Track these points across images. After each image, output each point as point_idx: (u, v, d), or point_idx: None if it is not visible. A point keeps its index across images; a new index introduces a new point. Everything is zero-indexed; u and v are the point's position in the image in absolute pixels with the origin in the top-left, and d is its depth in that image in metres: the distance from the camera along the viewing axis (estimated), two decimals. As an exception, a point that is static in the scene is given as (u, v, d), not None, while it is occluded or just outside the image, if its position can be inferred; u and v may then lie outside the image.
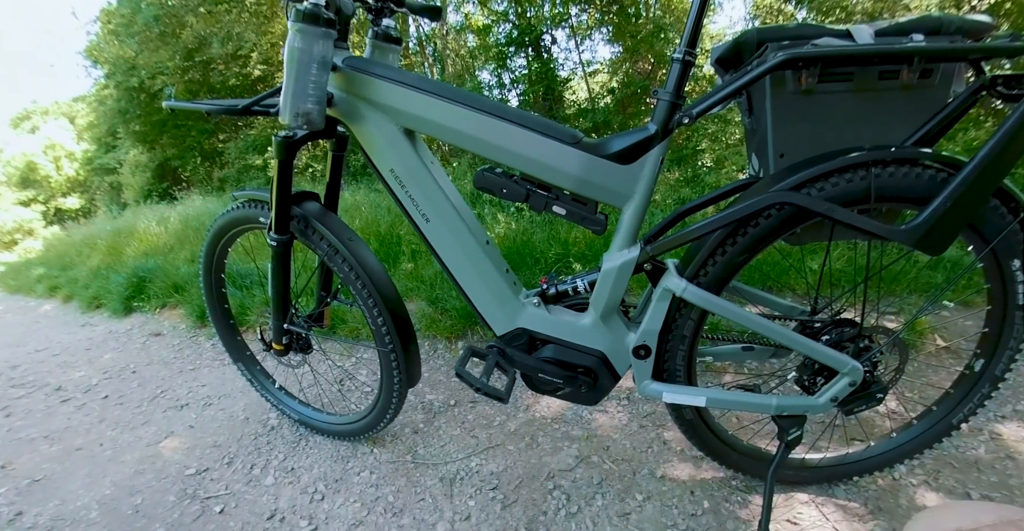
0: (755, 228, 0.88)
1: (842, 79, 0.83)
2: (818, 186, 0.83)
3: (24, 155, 23.40)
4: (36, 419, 1.93)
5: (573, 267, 2.07)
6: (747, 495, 1.19)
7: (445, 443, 1.45)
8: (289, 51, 0.89)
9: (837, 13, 6.32)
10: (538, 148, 0.89)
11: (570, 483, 1.26)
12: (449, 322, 2.00)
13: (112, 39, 8.58)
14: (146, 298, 3.18)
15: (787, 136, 0.88)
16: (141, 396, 2.00)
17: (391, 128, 0.97)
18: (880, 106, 0.85)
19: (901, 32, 0.81)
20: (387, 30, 1.09)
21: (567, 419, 1.50)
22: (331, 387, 1.80)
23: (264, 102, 1.04)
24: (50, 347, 2.84)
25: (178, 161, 9.71)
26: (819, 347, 0.94)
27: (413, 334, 1.21)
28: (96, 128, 13.92)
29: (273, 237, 1.15)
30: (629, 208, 0.91)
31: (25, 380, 2.35)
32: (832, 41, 0.81)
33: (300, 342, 1.36)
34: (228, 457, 1.51)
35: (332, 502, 1.29)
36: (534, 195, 0.93)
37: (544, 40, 5.74)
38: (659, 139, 0.87)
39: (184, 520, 1.28)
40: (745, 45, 0.88)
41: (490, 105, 0.91)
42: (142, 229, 5.00)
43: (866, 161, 0.81)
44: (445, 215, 1.00)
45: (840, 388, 0.97)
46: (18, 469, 1.60)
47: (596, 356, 1.00)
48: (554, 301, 1.04)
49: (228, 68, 7.89)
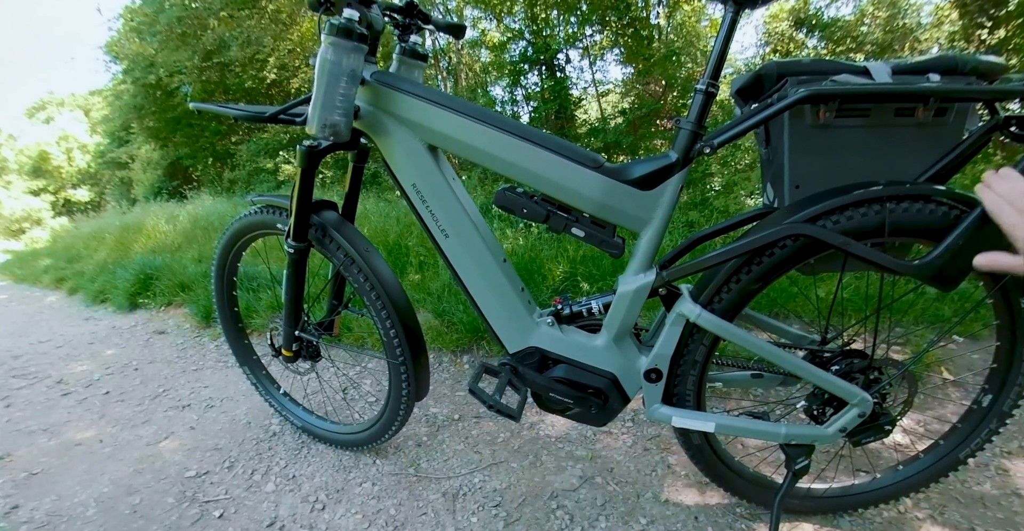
0: (770, 257, 0.89)
1: (859, 114, 0.84)
2: (833, 219, 0.84)
3: (37, 145, 23.67)
4: (36, 411, 1.93)
5: (581, 286, 2.07)
6: (751, 523, 1.18)
7: (448, 457, 1.44)
8: (321, 63, 0.90)
9: (848, 43, 6.39)
10: (561, 170, 0.90)
11: (573, 503, 1.25)
12: (455, 335, 2.00)
13: (133, 36, 8.68)
14: (152, 295, 3.19)
15: (803, 168, 0.89)
16: (143, 394, 2.00)
17: (415, 143, 0.99)
18: (895, 142, 0.86)
19: (917, 71, 0.83)
20: (414, 47, 1.12)
21: (571, 438, 1.49)
22: (335, 395, 1.80)
23: (291, 111, 1.05)
24: (53, 339, 2.85)
25: (189, 160, 9.79)
26: (830, 377, 0.94)
27: (424, 347, 1.21)
28: (111, 122, 14.05)
29: (291, 244, 1.16)
30: (647, 233, 0.92)
31: (27, 371, 2.35)
32: (851, 78, 0.83)
33: (309, 349, 1.36)
34: (229, 461, 1.50)
35: (333, 512, 1.28)
36: (554, 216, 0.94)
37: (558, 59, 5.81)
38: (680, 167, 0.88)
39: (182, 523, 1.27)
40: (765, 78, 0.90)
41: (515, 126, 0.93)
42: (151, 226, 5.03)
43: (881, 196, 0.82)
44: (464, 232, 1.01)
45: (849, 419, 0.97)
46: (16, 461, 1.60)
47: (607, 378, 1.00)
48: (568, 321, 1.04)
49: (245, 71, 7.98)
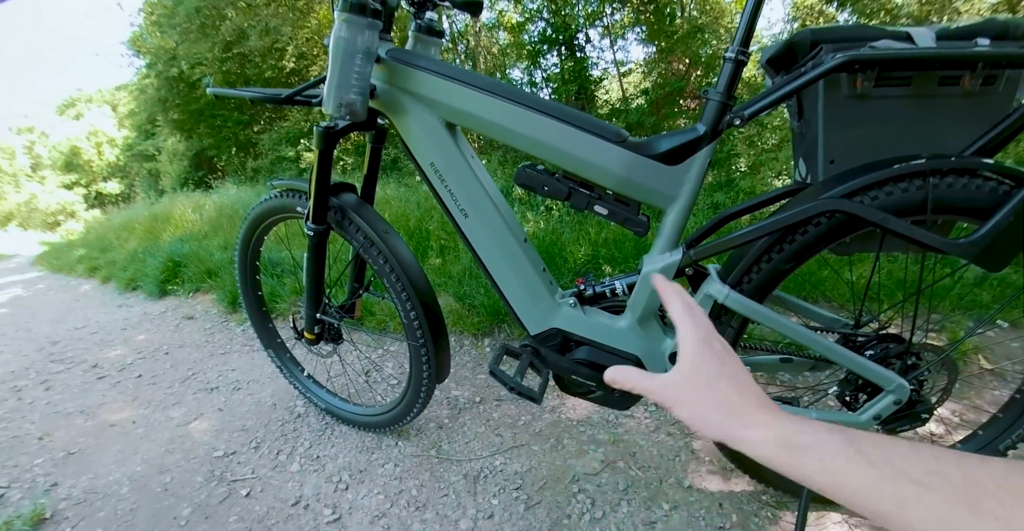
0: (803, 236, 0.85)
1: (899, 84, 0.79)
2: (872, 194, 0.79)
3: (68, 140, 24.41)
4: (73, 394, 2.00)
5: (603, 269, 2.04)
6: (777, 511, 1.15)
7: (469, 440, 1.45)
8: (335, 41, 0.88)
9: (882, 15, 6.11)
10: (582, 146, 0.87)
11: (595, 487, 1.24)
12: (476, 318, 2.00)
13: (154, 30, 8.81)
14: (180, 282, 3.27)
15: (838, 141, 0.85)
16: (173, 377, 2.05)
17: (433, 121, 0.96)
18: (938, 113, 0.81)
19: (964, 36, 0.77)
20: (429, 23, 1.09)
21: (593, 422, 1.48)
22: (358, 378, 1.82)
23: (306, 92, 1.04)
24: (88, 325, 2.94)
25: (214, 151, 9.95)
26: (866, 362, 0.90)
27: (444, 329, 1.20)
28: (136, 115, 14.37)
29: (310, 227, 1.15)
30: (673, 210, 0.88)
31: (64, 356, 2.44)
32: (892, 44, 0.77)
33: (331, 332, 1.37)
34: (255, 441, 1.53)
35: (356, 492, 1.29)
36: (576, 193, 0.91)
37: (578, 38, 5.69)
38: (708, 140, 0.84)
39: (211, 501, 1.30)
40: (798, 46, 0.85)
41: (534, 100, 0.89)
42: (178, 215, 5.14)
43: (924, 170, 0.77)
44: (484, 211, 0.98)
45: (884, 406, 0.93)
46: (55, 441, 1.66)
47: (631, 360, 0.98)
48: (590, 302, 1.02)
49: (264, 61, 8.02)
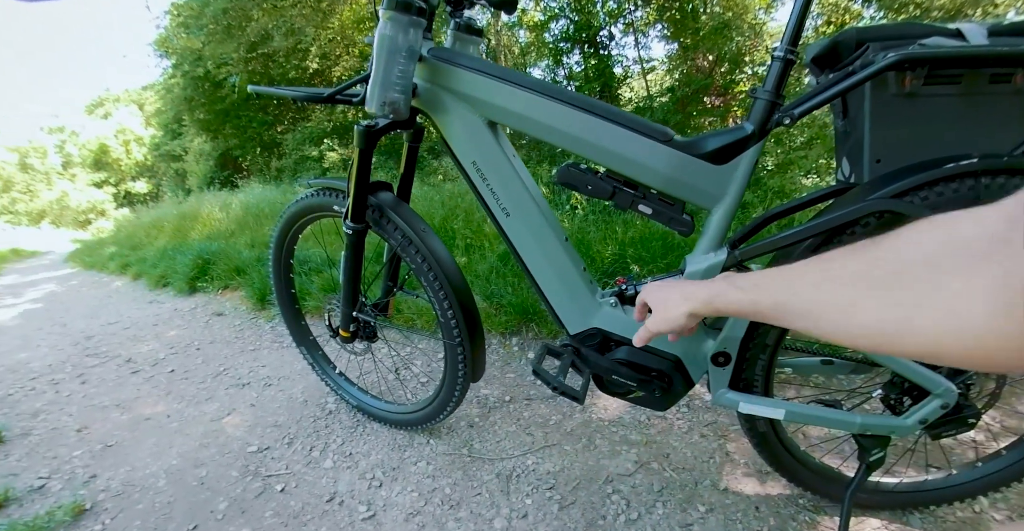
0: (851, 236, 0.83)
1: (949, 81, 0.77)
2: (922, 195, 0.77)
3: (97, 139, 25.09)
4: (108, 387, 2.05)
5: (632, 269, 2.03)
6: (815, 515, 1.13)
7: (501, 439, 1.45)
8: (380, 38, 0.89)
9: (911, 10, 5.94)
10: (627, 144, 0.86)
11: (629, 488, 1.23)
12: (504, 317, 2.00)
13: (180, 31, 8.98)
14: (209, 279, 3.33)
15: (885, 141, 0.83)
16: (205, 372, 2.09)
17: (475, 120, 0.97)
18: (988, 111, 0.79)
19: (1017, 32, 0.75)
20: (469, 21, 1.09)
21: (625, 423, 1.47)
22: (388, 375, 1.83)
23: (347, 91, 1.05)
24: (121, 321, 3.01)
25: (239, 150, 10.14)
26: (913, 365, 0.88)
27: (481, 328, 1.20)
28: (163, 114, 14.69)
29: (349, 225, 1.16)
30: (719, 210, 0.87)
31: (99, 350, 2.50)
32: (942, 41, 0.75)
33: (366, 330, 1.38)
34: (288, 437, 1.55)
35: (390, 490, 1.30)
36: (620, 193, 0.90)
37: (601, 36, 5.66)
38: (756, 139, 0.83)
39: (246, 496, 1.32)
40: (843, 44, 0.83)
41: (577, 98, 0.89)
42: (205, 214, 5.25)
43: (975, 170, 0.75)
44: (526, 210, 0.98)
45: (930, 410, 0.91)
46: (93, 434, 1.70)
47: (671, 360, 0.97)
48: (631, 302, 1.01)
49: (288, 61, 8.14)
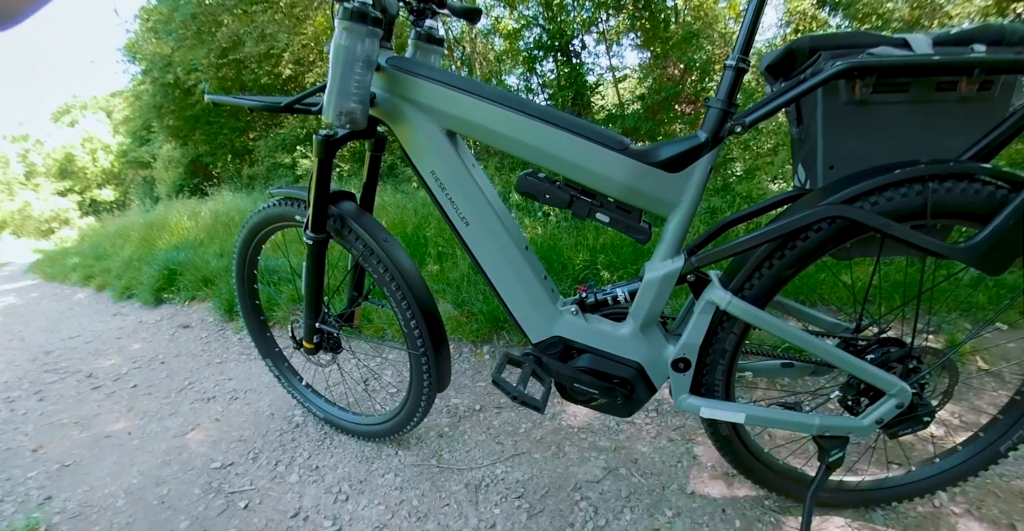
0: (804, 241, 0.85)
1: (897, 89, 0.80)
2: (872, 200, 0.80)
3: (63, 147, 24.35)
4: (68, 404, 1.97)
5: (602, 275, 2.04)
6: (780, 516, 1.15)
7: (470, 448, 1.44)
8: (335, 49, 0.89)
9: (873, 20, 6.15)
10: (584, 153, 0.87)
11: (597, 495, 1.23)
12: (475, 326, 1.99)
13: (150, 36, 8.81)
14: (176, 290, 3.25)
15: (838, 147, 0.85)
16: (169, 387, 2.03)
17: (433, 129, 0.96)
18: (936, 118, 0.81)
19: (961, 41, 0.78)
20: (429, 31, 1.09)
21: (594, 429, 1.47)
22: (356, 387, 1.80)
23: (306, 100, 1.04)
24: (83, 334, 2.91)
25: (209, 157, 9.93)
26: (867, 366, 0.90)
27: (445, 337, 1.20)
28: (132, 122, 14.36)
29: (309, 235, 1.15)
30: (675, 217, 0.89)
31: (58, 366, 2.41)
32: (890, 50, 0.78)
33: (330, 341, 1.36)
34: (253, 452, 1.51)
35: (356, 503, 1.28)
36: (578, 201, 0.91)
37: (574, 45, 5.72)
38: (709, 147, 0.84)
39: (209, 514, 1.29)
40: (797, 53, 0.86)
41: (536, 108, 0.90)
42: (174, 223, 5.12)
43: (923, 175, 0.78)
44: (485, 219, 0.98)
45: (886, 410, 0.93)
46: (49, 453, 1.64)
47: (633, 367, 0.98)
48: (592, 310, 1.02)
49: (260, 67, 8.02)
